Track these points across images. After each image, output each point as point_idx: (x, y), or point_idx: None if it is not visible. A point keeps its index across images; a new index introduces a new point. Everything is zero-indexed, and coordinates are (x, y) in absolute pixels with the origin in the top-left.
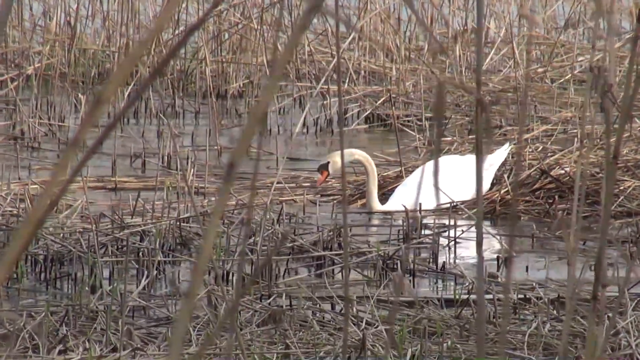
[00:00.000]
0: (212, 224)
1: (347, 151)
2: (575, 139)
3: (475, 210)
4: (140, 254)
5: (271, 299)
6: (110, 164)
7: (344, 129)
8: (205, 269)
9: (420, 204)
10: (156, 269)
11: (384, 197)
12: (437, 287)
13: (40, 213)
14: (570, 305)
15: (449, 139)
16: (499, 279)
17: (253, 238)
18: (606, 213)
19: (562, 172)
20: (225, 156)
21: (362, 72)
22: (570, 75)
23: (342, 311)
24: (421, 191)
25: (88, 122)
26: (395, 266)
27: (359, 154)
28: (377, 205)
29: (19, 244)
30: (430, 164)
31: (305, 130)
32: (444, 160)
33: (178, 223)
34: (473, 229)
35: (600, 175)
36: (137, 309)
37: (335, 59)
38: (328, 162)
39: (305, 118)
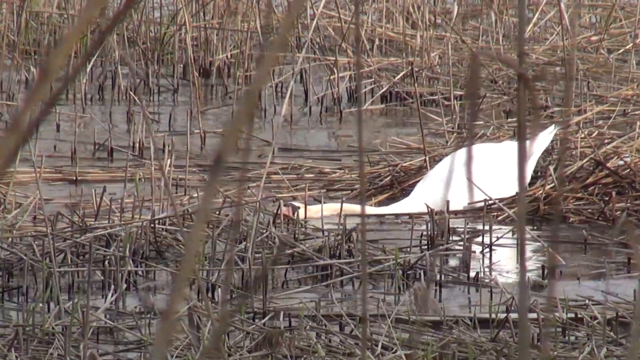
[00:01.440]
0: (196, 228)
1: (329, 206)
2: (638, 123)
3: (515, 209)
4: (107, 263)
5: (266, 318)
6: (70, 152)
7: (354, 109)
8: (187, 282)
9: (447, 202)
10: (126, 282)
11: (403, 193)
12: (469, 303)
13: None
14: (637, 326)
15: (482, 122)
16: (545, 291)
17: (244, 243)
18: None
19: (622, 163)
20: (210, 143)
21: (378, 40)
22: (631, 44)
23: (353, 332)
24: (449, 186)
25: (32, 100)
26: (417, 277)
27: (341, 209)
28: (373, 208)
29: None
30: (459, 153)
31: (308, 111)
32: (475, 148)
33: (152, 225)
34: (512, 233)
35: None
36: (102, 331)
37: (343, 24)
38: (299, 207)
39: (306, 96)
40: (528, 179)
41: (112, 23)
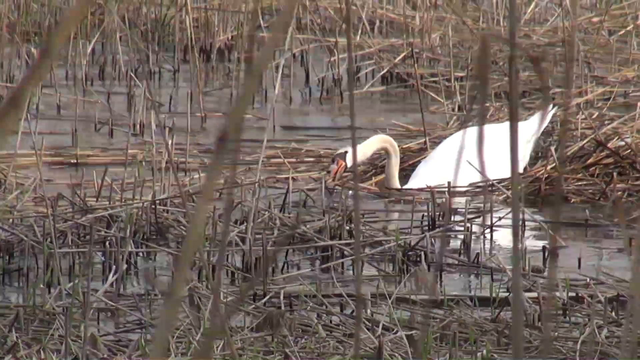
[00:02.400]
0: (200, 209)
1: (373, 139)
2: (639, 104)
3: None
4: (107, 244)
5: (266, 298)
6: (71, 134)
7: (355, 91)
8: (191, 262)
9: (449, 183)
10: (126, 263)
11: (404, 175)
12: (469, 284)
13: None
14: (635, 305)
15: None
16: (545, 274)
17: (245, 224)
18: None
19: (622, 143)
20: (211, 124)
21: (378, 22)
22: (632, 26)
23: (354, 313)
24: (450, 167)
25: (31, 80)
26: (418, 259)
27: (384, 140)
28: (398, 185)
29: None
30: (461, 135)
31: (308, 93)
32: (476, 129)
33: (153, 206)
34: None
35: None
36: (103, 311)
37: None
38: (346, 152)
39: (307, 78)
40: (527, 159)
41: None
